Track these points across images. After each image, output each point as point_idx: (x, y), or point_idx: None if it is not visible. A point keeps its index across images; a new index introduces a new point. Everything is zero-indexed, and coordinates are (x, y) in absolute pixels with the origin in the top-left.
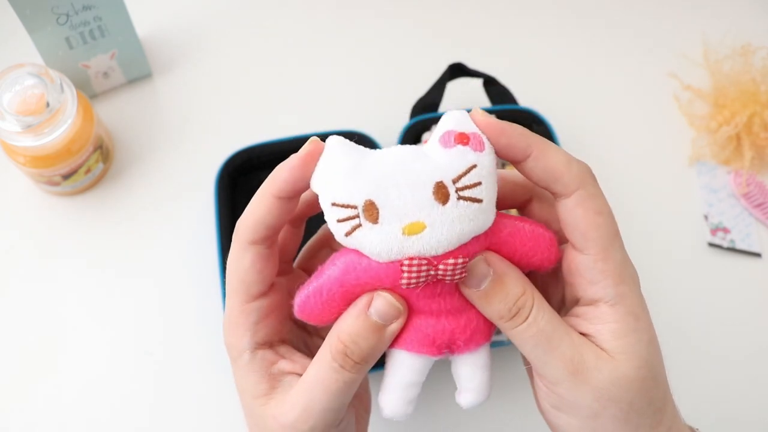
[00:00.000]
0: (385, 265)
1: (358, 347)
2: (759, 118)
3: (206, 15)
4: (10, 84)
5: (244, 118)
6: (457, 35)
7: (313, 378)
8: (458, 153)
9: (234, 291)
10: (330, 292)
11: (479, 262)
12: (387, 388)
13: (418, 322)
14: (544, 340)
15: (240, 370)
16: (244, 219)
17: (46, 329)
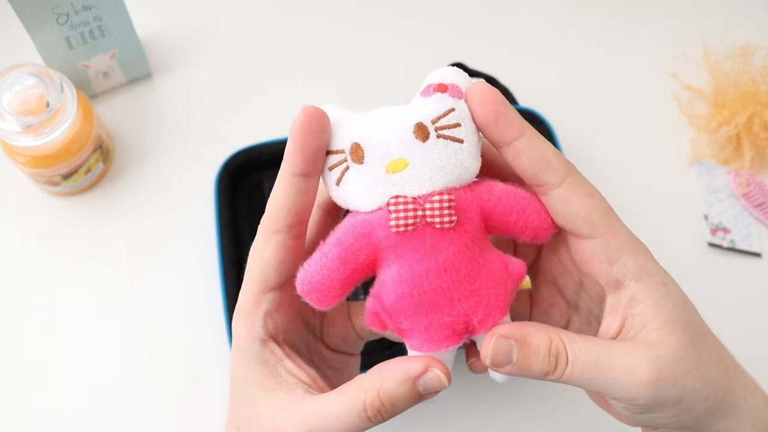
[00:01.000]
0: (375, 212)
1: (393, 409)
2: (759, 118)
3: (206, 15)
4: (10, 84)
5: (244, 118)
6: (457, 35)
7: (334, 411)
8: (437, 99)
9: (252, 279)
10: (329, 255)
11: (499, 341)
12: None
13: (434, 316)
14: (594, 369)
15: (245, 359)
16: (267, 206)
17: (46, 329)
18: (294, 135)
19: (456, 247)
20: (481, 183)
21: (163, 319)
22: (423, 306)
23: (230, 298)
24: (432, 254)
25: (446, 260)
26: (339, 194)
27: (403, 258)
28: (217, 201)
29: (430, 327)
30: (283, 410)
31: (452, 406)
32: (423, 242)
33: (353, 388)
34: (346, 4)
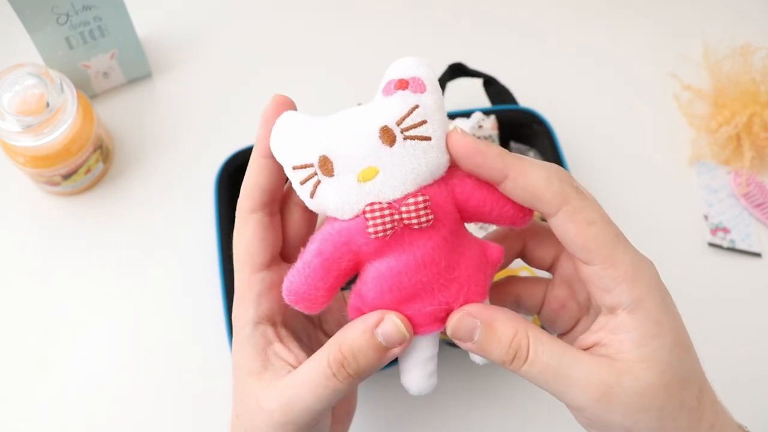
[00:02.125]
0: (353, 220)
1: (356, 362)
2: (759, 118)
3: (206, 15)
4: (10, 84)
5: (244, 118)
6: (457, 35)
7: (304, 377)
8: (399, 97)
9: (240, 263)
10: (311, 266)
11: (463, 317)
12: (407, 370)
13: (415, 306)
14: (552, 374)
15: (239, 343)
16: (242, 190)
17: (46, 329)
18: (265, 121)
19: (434, 242)
20: (453, 174)
21: (162, 318)
22: (404, 299)
23: (230, 298)
24: (411, 251)
25: (425, 255)
26: (315, 206)
27: (383, 257)
28: (216, 201)
29: (413, 316)
30: (265, 389)
31: (453, 407)
32: (401, 242)
33: (319, 351)
34: (346, 5)
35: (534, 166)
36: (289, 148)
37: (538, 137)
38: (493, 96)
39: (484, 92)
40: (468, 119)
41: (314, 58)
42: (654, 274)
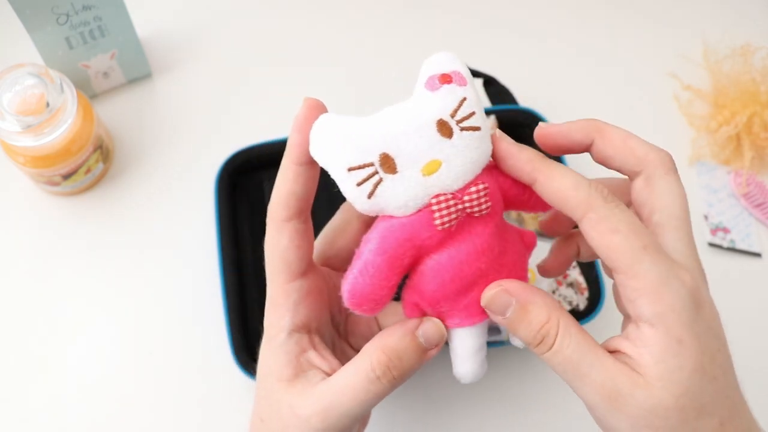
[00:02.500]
0: (415, 215)
1: (400, 363)
2: (759, 118)
3: (206, 15)
4: (10, 84)
5: (244, 118)
6: (457, 35)
7: (345, 382)
8: (447, 91)
9: (276, 271)
10: (375, 265)
11: (500, 292)
12: (460, 360)
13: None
14: (571, 367)
15: (271, 350)
16: (274, 198)
17: (46, 329)
18: (298, 127)
19: (490, 229)
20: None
21: (162, 318)
22: (463, 288)
23: (230, 298)
24: (470, 240)
25: (483, 243)
26: (371, 205)
27: (443, 249)
28: (217, 201)
29: (470, 305)
30: (300, 395)
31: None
32: (461, 231)
33: (359, 356)
34: (346, 5)
35: (563, 173)
36: (340, 151)
37: None
38: (493, 96)
39: (484, 92)
40: None
41: (314, 58)
42: (686, 291)
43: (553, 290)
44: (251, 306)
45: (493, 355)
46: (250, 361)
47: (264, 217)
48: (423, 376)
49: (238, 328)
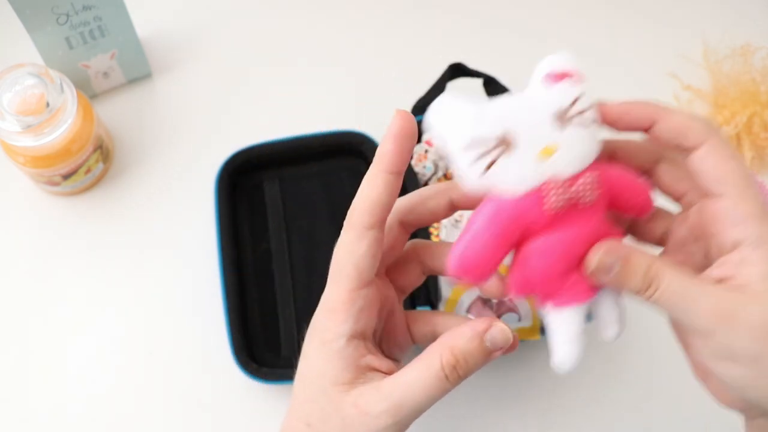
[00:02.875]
0: (525, 196)
1: (466, 364)
2: (759, 118)
3: (206, 15)
4: (10, 84)
5: (244, 118)
6: (457, 35)
7: (416, 378)
8: (565, 86)
9: (346, 276)
10: (484, 239)
11: (604, 255)
12: (563, 344)
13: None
14: (681, 300)
15: (326, 354)
16: (358, 203)
17: (46, 329)
18: (394, 136)
19: (596, 217)
20: (601, 161)
21: (162, 318)
22: (566, 270)
23: (230, 298)
24: (578, 225)
25: (590, 229)
26: (483, 184)
27: (550, 231)
28: (217, 201)
29: (573, 285)
30: (364, 394)
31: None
32: (569, 216)
33: (427, 354)
34: (346, 5)
35: (676, 110)
36: (461, 127)
37: None
38: (493, 96)
39: (484, 92)
40: None
41: (314, 58)
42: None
43: None
44: (251, 306)
45: None
46: (250, 361)
47: (264, 217)
48: None
49: (238, 328)
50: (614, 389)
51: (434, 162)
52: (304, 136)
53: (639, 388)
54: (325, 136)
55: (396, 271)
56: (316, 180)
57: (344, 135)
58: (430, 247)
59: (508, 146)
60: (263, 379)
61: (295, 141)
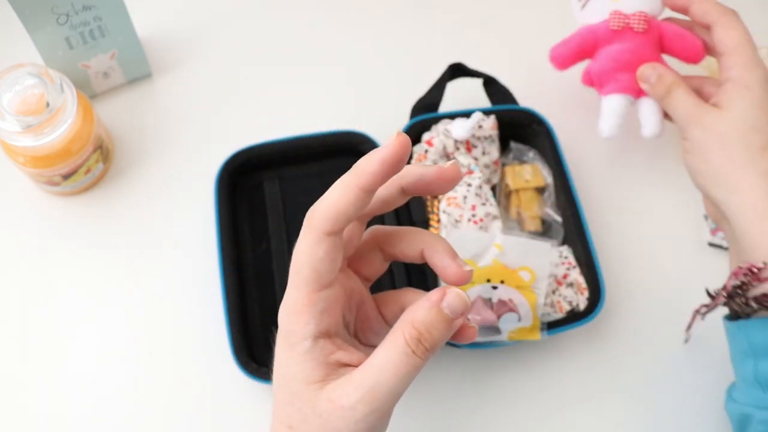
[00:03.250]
0: (601, 22)
1: (431, 335)
2: None
3: (206, 15)
4: (10, 84)
5: (244, 118)
6: (457, 35)
7: (383, 360)
8: None
9: (305, 280)
10: (573, 40)
11: (648, 67)
12: (609, 118)
13: (625, 77)
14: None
15: (296, 357)
16: (323, 209)
17: (46, 329)
18: (383, 161)
19: (642, 39)
20: (665, 20)
21: (163, 318)
22: (619, 67)
23: (230, 298)
24: (630, 40)
25: (638, 43)
26: (582, 16)
27: (612, 43)
28: (217, 201)
29: (622, 80)
30: (337, 389)
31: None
32: (626, 35)
33: (391, 334)
34: (346, 5)
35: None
36: None
37: (538, 137)
38: (493, 96)
39: (484, 92)
40: (468, 119)
41: (314, 57)
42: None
43: (553, 290)
44: (251, 306)
45: (493, 355)
46: (250, 361)
47: (264, 217)
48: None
49: (238, 328)
50: (615, 389)
51: (434, 162)
52: (304, 136)
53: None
54: (325, 136)
55: (358, 262)
56: (316, 180)
57: (344, 135)
58: (388, 235)
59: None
60: (263, 379)
61: (295, 141)
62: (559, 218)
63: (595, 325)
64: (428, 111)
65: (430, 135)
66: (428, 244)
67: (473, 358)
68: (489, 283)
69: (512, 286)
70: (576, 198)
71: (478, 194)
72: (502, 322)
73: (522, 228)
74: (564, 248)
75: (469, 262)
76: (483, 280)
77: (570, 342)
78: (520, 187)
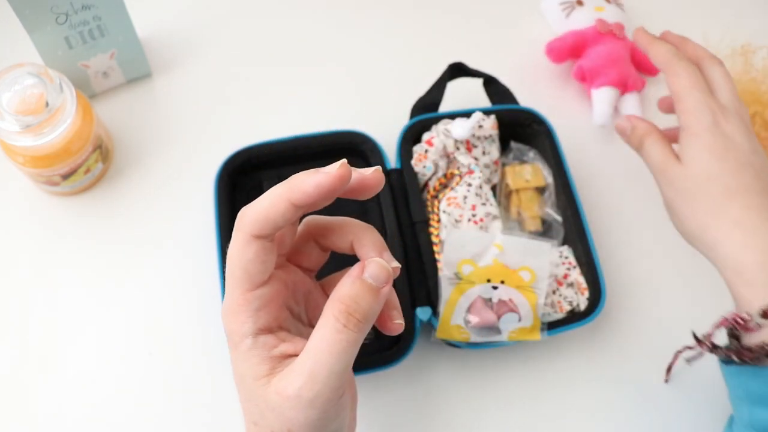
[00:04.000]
0: (585, 28)
1: (359, 306)
2: (760, 118)
3: (206, 15)
4: (9, 84)
5: (244, 118)
6: (457, 35)
7: (318, 342)
8: None
9: (236, 279)
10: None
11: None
12: (598, 106)
13: (613, 71)
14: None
15: (241, 355)
16: (252, 213)
17: (45, 329)
18: (320, 184)
19: (622, 44)
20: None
21: (162, 319)
22: (609, 62)
23: None
24: (613, 44)
25: (619, 47)
26: (566, 24)
27: (599, 45)
28: (216, 201)
29: (607, 75)
30: (282, 379)
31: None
32: (610, 39)
33: (321, 317)
34: (346, 5)
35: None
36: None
37: (538, 137)
38: (493, 96)
39: (484, 92)
40: (468, 119)
41: (314, 57)
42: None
43: (553, 290)
44: None
45: (493, 355)
46: None
47: None
48: (422, 378)
49: None
50: (616, 389)
51: (434, 162)
52: (303, 136)
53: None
54: (325, 136)
55: (297, 256)
56: None
57: (344, 135)
58: (321, 227)
59: (581, 3)
60: None
61: (294, 141)
62: (559, 218)
63: (595, 326)
64: (428, 111)
65: (430, 135)
66: (357, 237)
67: (473, 358)
68: (489, 283)
69: (512, 286)
70: (576, 198)
71: (478, 194)
72: (503, 322)
73: (522, 228)
74: (564, 248)
75: (469, 262)
76: (483, 280)
77: (570, 342)
78: (520, 187)
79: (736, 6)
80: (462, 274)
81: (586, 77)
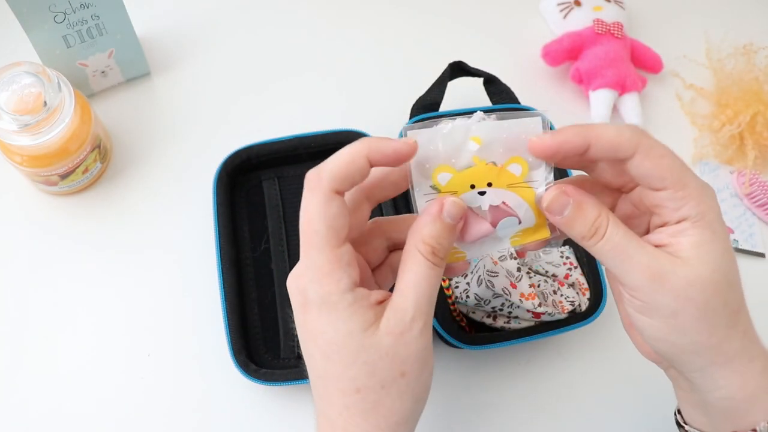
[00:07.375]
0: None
1: (441, 245)
2: (762, 118)
3: (205, 14)
4: (7, 83)
5: (243, 118)
6: (457, 35)
7: (414, 278)
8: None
9: (322, 237)
10: (564, 39)
11: (560, 194)
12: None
13: (610, 73)
14: (620, 252)
15: (343, 312)
16: (332, 168)
17: (43, 329)
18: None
19: (621, 43)
20: None
21: (161, 319)
22: (607, 64)
23: (229, 297)
24: (611, 44)
25: (617, 47)
26: (563, 25)
27: (596, 46)
28: (215, 200)
29: (605, 77)
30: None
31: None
32: (608, 39)
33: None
34: (345, 5)
35: (603, 128)
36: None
37: None
38: (493, 95)
39: (484, 91)
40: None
41: (314, 58)
42: (714, 196)
43: (555, 290)
44: (250, 306)
45: (493, 355)
46: (249, 362)
47: (263, 216)
48: None
49: (237, 330)
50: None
51: None
52: (303, 136)
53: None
54: (325, 135)
55: (362, 248)
56: None
57: (344, 134)
58: (394, 222)
59: (579, 4)
60: (262, 381)
61: (294, 140)
62: None
63: (597, 326)
64: (429, 110)
65: None
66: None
67: (473, 358)
68: (474, 189)
69: (502, 187)
70: None
71: None
72: (500, 228)
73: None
74: (566, 248)
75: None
76: (466, 187)
77: (571, 342)
78: None
79: (738, 6)
80: (439, 186)
81: (583, 79)
